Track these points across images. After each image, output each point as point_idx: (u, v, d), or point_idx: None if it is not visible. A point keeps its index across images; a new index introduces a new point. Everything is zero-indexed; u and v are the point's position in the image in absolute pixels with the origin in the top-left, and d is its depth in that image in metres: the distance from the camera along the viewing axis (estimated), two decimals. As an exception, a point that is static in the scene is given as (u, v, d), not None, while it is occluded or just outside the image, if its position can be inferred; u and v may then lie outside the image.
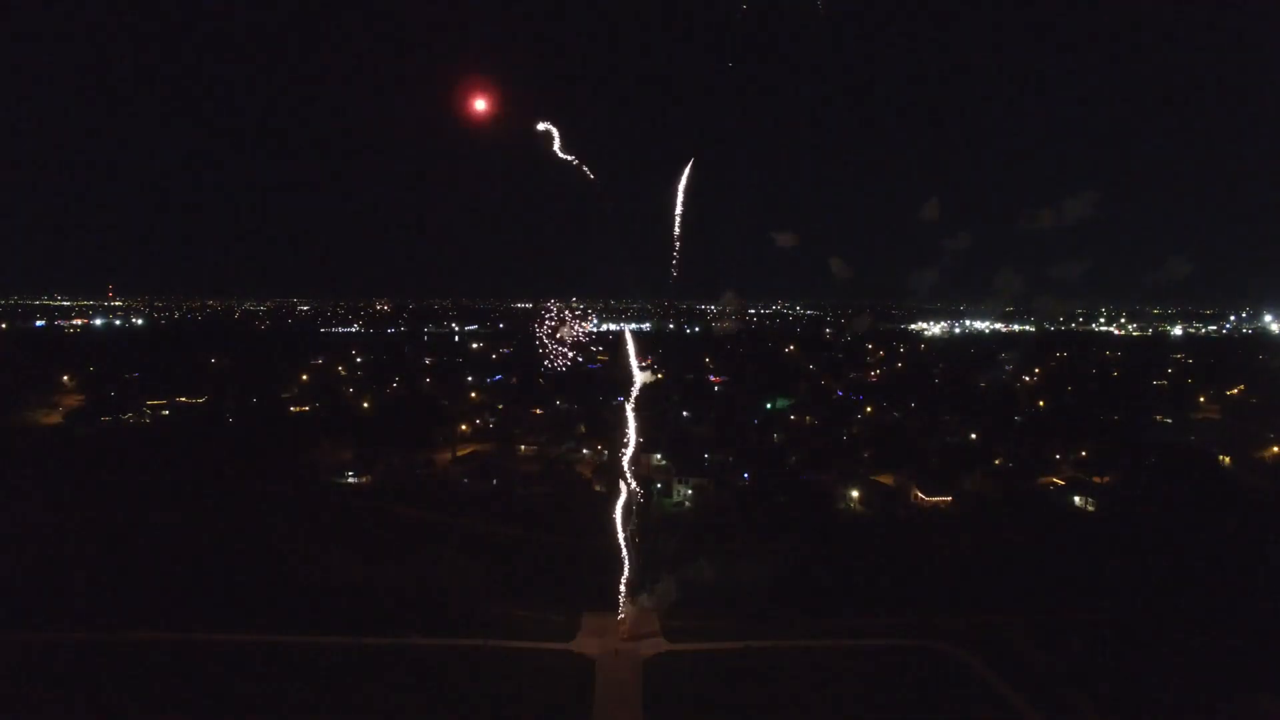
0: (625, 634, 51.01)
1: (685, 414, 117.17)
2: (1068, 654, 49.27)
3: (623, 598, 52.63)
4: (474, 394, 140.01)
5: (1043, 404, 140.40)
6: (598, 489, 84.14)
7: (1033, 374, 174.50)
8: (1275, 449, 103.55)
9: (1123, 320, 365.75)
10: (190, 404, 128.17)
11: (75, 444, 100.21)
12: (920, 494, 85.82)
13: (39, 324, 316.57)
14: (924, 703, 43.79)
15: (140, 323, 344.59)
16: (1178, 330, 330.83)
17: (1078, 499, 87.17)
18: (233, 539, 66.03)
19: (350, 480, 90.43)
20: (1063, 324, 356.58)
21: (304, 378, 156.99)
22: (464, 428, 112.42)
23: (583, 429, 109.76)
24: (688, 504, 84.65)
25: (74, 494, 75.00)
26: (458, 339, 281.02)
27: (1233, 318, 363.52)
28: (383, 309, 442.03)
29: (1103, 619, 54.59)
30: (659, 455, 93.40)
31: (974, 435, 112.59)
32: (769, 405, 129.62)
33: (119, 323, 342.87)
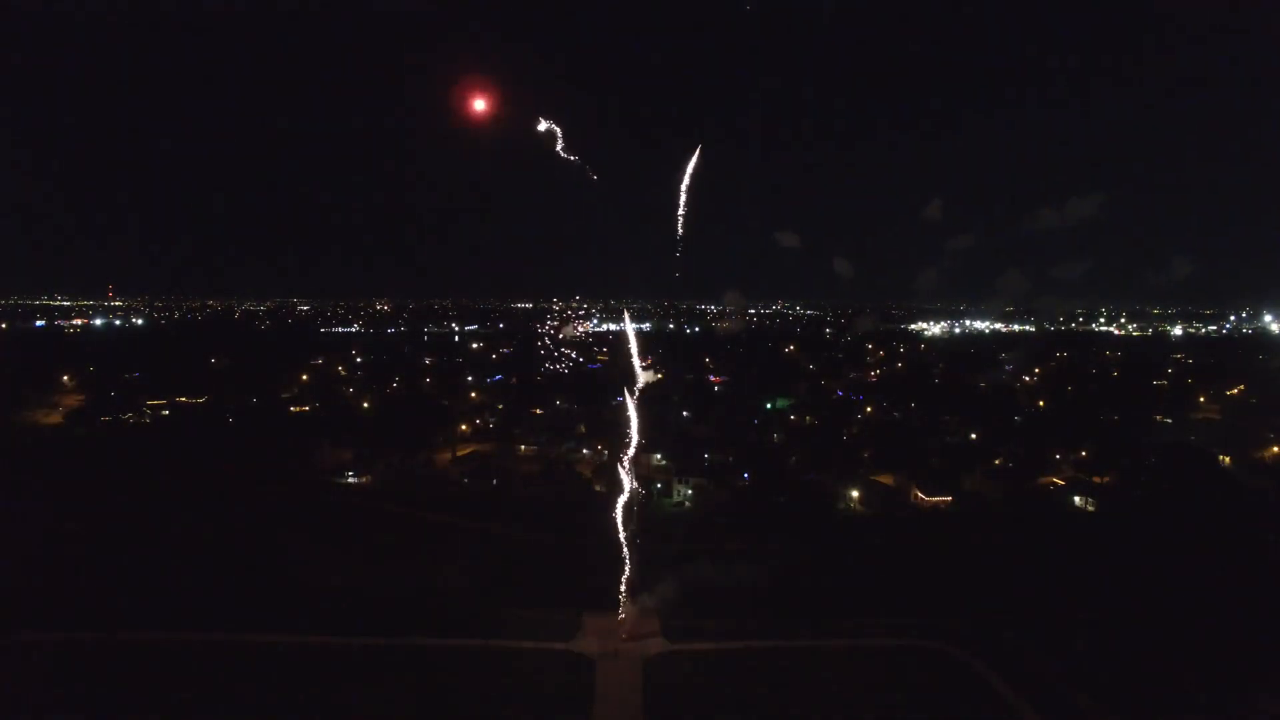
0: (626, 634, 50.90)
1: (685, 414, 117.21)
2: (1068, 654, 49.20)
3: (623, 597, 52.59)
4: (474, 394, 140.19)
5: (1043, 404, 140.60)
6: (598, 489, 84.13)
7: (1033, 374, 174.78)
8: (1275, 449, 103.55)
9: (1123, 320, 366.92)
10: (190, 404, 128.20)
11: (75, 444, 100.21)
12: (920, 494, 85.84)
13: (39, 324, 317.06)
14: (925, 703, 43.70)
15: (140, 323, 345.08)
16: (1178, 330, 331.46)
17: (1078, 499, 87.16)
18: (233, 539, 65.94)
19: (350, 480, 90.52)
20: (1063, 324, 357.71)
21: (304, 378, 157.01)
22: (464, 428, 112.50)
23: (583, 429, 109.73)
24: (688, 504, 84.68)
25: (74, 494, 74.83)
26: (458, 339, 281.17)
27: (1233, 318, 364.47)
28: (383, 309, 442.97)
29: (1103, 619, 54.50)
30: (659, 455, 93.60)
31: (974, 435, 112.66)
32: (769, 405, 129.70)
33: (119, 323, 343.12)
